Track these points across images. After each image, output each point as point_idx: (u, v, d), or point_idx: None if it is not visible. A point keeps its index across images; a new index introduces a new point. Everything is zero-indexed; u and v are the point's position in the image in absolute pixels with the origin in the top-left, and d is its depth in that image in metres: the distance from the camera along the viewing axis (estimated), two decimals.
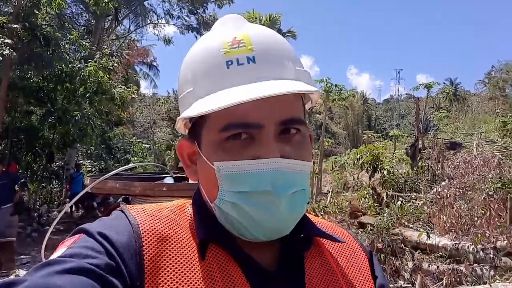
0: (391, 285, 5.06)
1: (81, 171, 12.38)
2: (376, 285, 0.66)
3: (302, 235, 0.62)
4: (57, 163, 14.35)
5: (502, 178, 7.66)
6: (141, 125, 23.42)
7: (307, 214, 0.67)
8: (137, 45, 23.02)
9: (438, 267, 5.47)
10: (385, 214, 7.88)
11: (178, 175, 3.48)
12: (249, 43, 0.55)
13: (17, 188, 7.31)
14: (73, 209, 11.68)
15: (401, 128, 32.78)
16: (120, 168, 2.22)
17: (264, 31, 0.59)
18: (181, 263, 0.53)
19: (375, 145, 13.29)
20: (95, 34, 13.81)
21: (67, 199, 12.46)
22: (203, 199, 0.60)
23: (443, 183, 9.00)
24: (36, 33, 8.54)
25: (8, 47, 7.52)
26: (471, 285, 4.92)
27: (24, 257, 7.11)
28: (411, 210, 8.11)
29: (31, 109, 11.61)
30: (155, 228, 0.55)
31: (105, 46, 13.66)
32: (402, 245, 6.45)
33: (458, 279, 5.17)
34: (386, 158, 11.57)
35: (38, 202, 12.61)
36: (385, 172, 10.39)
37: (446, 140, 14.56)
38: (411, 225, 7.45)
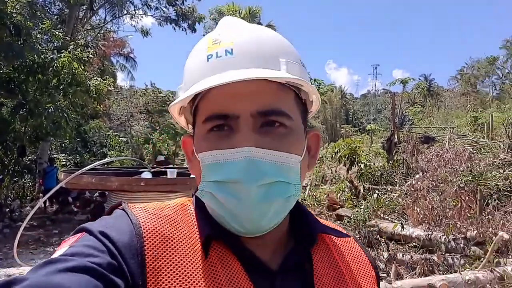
0: None
1: (55, 165, 12.04)
2: None
3: (303, 232, 0.62)
4: (29, 157, 13.87)
5: (473, 171, 7.96)
6: (118, 118, 22.85)
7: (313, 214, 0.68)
8: (113, 36, 22.41)
9: (411, 257, 5.65)
10: (361, 207, 8.05)
11: (156, 169, 3.44)
12: (230, 38, 0.56)
13: None
14: (47, 204, 11.36)
15: (378, 122, 33.48)
16: (96, 163, 2.18)
17: (251, 27, 0.60)
18: (184, 262, 0.53)
19: (353, 139, 13.53)
20: (69, 24, 13.32)
21: (41, 194, 12.10)
22: None
23: (417, 176, 9.24)
24: (6, 21, 8.17)
25: None
26: (443, 274, 5.12)
27: None
28: (386, 202, 8.32)
29: (2, 101, 11.14)
30: (157, 228, 0.55)
31: (79, 37, 13.22)
32: (378, 236, 6.63)
33: (430, 268, 5.37)
34: (363, 152, 11.80)
35: (10, 197, 12.18)
36: (362, 166, 10.60)
37: (420, 134, 14.96)
38: (386, 217, 7.65)
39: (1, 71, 9.51)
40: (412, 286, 4.74)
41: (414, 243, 6.19)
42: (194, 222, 0.59)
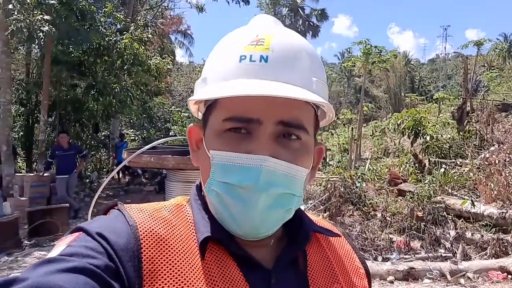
0: (430, 254, 4.96)
1: (125, 140, 13.01)
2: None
3: (297, 231, 0.64)
4: (103, 133, 15.11)
5: None
6: (179, 94, 23.70)
7: (305, 213, 0.69)
8: (170, 14, 22.93)
9: (482, 236, 5.28)
10: (426, 182, 7.62)
11: None
12: (267, 43, 0.55)
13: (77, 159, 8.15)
14: (120, 175, 12.39)
15: (448, 89, 30.84)
16: (150, 144, 2.28)
17: (290, 36, 0.59)
18: (180, 264, 0.54)
19: (417, 109, 12.67)
20: (129, 5, 13.84)
21: (114, 167, 13.22)
22: (202, 190, 0.62)
23: (492, 148, 8.51)
24: (73, 7, 8.71)
25: (47, 23, 7.76)
26: None
27: (76, 221, 7.69)
28: (455, 177, 7.78)
29: (76, 83, 12.13)
30: (153, 230, 0.55)
31: (139, 17, 13.72)
32: (445, 213, 6.25)
33: (504, 249, 4.97)
34: (429, 122, 11.00)
35: (89, 170, 13.48)
36: (428, 138, 9.93)
37: (497, 102, 13.55)
38: (455, 193, 7.17)
39: (73, 55, 10.28)
40: (481, 268, 4.44)
41: (485, 222, 5.75)
42: (191, 223, 0.60)
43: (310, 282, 0.60)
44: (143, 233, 0.54)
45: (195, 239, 0.57)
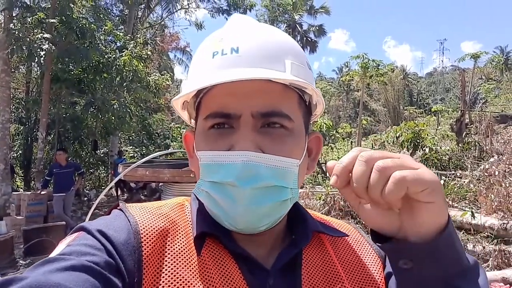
0: None
1: (123, 157, 12.98)
2: (384, 272, 0.65)
3: (298, 231, 0.63)
4: (102, 150, 15.10)
5: None
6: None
7: (310, 211, 0.68)
8: (170, 32, 23.29)
9: (484, 247, 5.20)
10: None
11: None
12: (237, 36, 0.57)
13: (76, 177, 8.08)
14: (119, 192, 12.32)
15: (446, 102, 31.07)
16: (146, 158, 2.28)
17: (259, 26, 0.60)
18: (179, 258, 0.54)
19: (415, 122, 12.71)
20: (129, 24, 14.08)
21: (113, 184, 13.16)
22: None
23: (492, 159, 8.49)
24: (73, 26, 8.84)
25: (47, 42, 7.87)
26: None
27: None
28: (455, 189, 7.73)
29: (75, 100, 12.21)
30: (154, 225, 0.56)
31: (138, 35, 13.94)
32: None
33: (506, 261, 4.89)
34: (428, 135, 11.02)
35: (87, 187, 13.42)
36: (427, 150, 9.92)
37: (495, 114, 13.61)
38: (455, 205, 7.11)
39: (72, 73, 10.39)
40: None
41: (486, 233, 5.67)
42: (190, 220, 0.60)
43: (302, 284, 0.58)
44: (144, 228, 0.55)
45: (193, 235, 0.58)
